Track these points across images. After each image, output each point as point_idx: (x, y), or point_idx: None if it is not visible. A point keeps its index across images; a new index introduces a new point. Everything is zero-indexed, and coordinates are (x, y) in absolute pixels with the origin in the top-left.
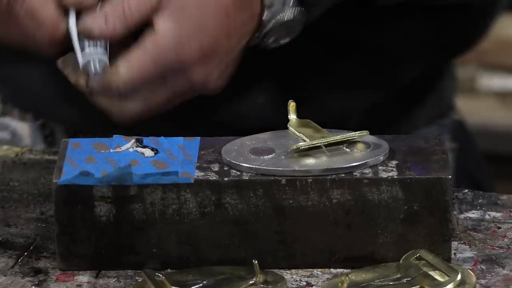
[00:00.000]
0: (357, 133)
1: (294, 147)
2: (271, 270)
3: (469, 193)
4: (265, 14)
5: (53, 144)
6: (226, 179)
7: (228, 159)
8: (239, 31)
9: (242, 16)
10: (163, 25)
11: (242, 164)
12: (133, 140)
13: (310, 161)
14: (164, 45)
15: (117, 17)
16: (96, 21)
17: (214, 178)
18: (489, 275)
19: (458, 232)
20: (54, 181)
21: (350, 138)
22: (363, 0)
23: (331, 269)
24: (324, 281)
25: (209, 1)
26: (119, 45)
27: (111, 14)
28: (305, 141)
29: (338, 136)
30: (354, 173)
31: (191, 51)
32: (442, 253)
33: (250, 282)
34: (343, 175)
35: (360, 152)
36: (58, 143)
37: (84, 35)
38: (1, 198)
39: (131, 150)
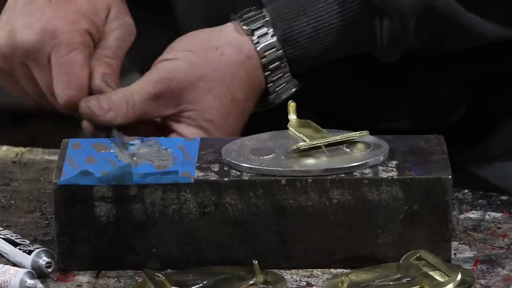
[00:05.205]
0: (357, 133)
1: (294, 147)
2: (271, 270)
3: (469, 193)
4: (271, 97)
5: None
6: (226, 179)
7: (228, 159)
8: (249, 113)
9: (253, 104)
10: (191, 135)
11: (242, 164)
12: (138, 141)
13: (310, 161)
14: None
15: (119, 109)
16: (100, 105)
17: (214, 178)
18: (489, 275)
19: (458, 232)
20: (54, 181)
21: (350, 138)
22: (364, 58)
23: (331, 269)
24: (324, 281)
25: (227, 107)
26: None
27: (115, 105)
28: (305, 141)
29: (338, 136)
30: (354, 173)
31: None
32: (442, 253)
33: (250, 282)
34: (343, 175)
35: (360, 152)
36: None
37: (85, 113)
38: (1, 198)
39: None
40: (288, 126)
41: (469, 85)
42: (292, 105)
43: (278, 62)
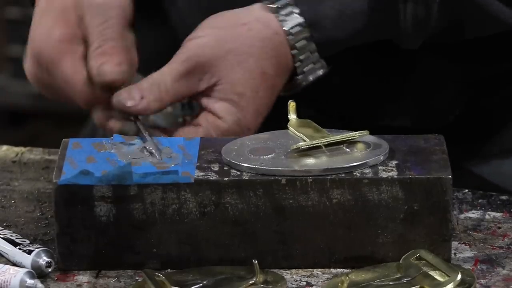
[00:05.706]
0: (357, 133)
1: (294, 147)
2: (271, 270)
3: (469, 192)
4: (299, 78)
5: None
6: (226, 179)
7: (228, 159)
8: (278, 93)
9: (282, 82)
10: (225, 113)
11: (242, 164)
12: (137, 141)
13: (310, 161)
14: (226, 130)
15: (152, 95)
16: (131, 96)
17: (214, 178)
18: (489, 275)
19: (458, 232)
20: (54, 181)
21: (350, 138)
22: (385, 45)
23: (331, 269)
24: (324, 281)
25: (257, 80)
26: None
27: (147, 91)
28: (305, 141)
29: (338, 136)
30: (354, 173)
31: (249, 132)
32: (442, 253)
33: (250, 282)
34: (343, 175)
35: (360, 152)
36: None
37: (118, 107)
38: (1, 198)
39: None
40: (288, 126)
41: (471, 85)
42: (292, 105)
43: (305, 41)
